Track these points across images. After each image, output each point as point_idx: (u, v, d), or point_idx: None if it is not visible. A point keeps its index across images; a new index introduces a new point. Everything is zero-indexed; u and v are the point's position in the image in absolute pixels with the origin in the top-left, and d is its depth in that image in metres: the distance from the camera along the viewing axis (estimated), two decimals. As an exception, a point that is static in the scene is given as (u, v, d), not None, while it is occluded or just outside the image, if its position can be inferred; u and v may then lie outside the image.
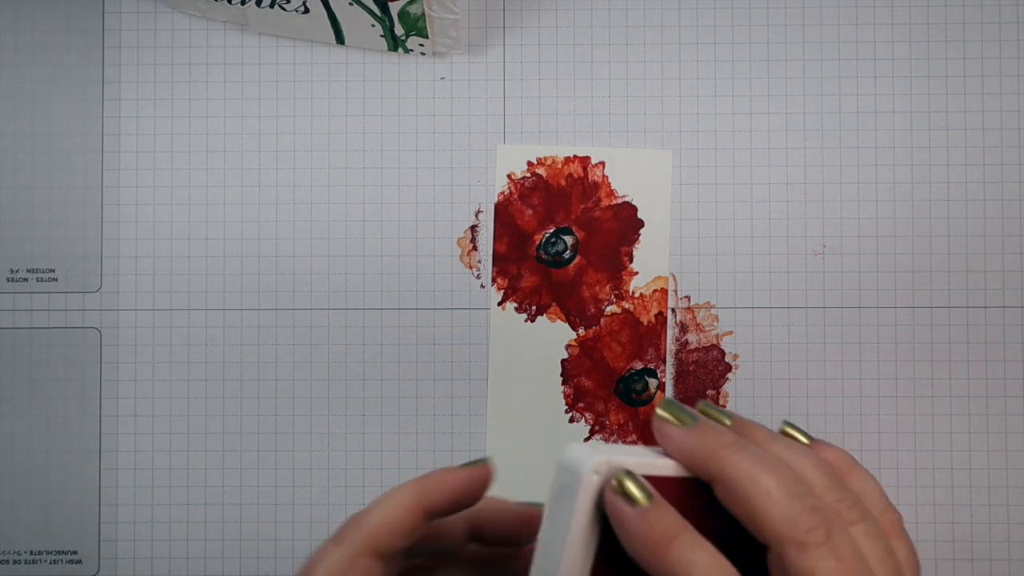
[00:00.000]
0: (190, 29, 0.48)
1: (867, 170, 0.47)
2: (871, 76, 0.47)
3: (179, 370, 0.48)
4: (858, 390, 0.47)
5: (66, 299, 0.48)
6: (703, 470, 0.30)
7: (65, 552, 0.47)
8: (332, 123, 0.48)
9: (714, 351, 0.47)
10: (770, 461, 0.30)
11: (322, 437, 0.47)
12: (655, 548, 0.29)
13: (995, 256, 0.47)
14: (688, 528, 0.29)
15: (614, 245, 0.47)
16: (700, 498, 0.31)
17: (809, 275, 0.47)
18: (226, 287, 0.48)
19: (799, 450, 0.31)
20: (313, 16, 0.46)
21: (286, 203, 0.48)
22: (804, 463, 0.31)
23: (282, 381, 0.47)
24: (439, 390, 0.47)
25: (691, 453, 0.30)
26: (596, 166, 0.47)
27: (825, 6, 0.48)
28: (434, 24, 0.45)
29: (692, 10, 0.48)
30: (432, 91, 0.48)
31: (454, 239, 0.48)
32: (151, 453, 0.47)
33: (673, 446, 0.31)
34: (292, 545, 0.47)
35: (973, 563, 0.47)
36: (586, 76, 0.48)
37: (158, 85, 0.48)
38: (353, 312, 0.48)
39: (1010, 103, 0.47)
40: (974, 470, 0.47)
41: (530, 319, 0.47)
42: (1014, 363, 0.47)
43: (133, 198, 0.48)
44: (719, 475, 0.30)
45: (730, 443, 0.30)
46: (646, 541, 0.29)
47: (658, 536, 0.29)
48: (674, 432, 0.31)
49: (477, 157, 0.48)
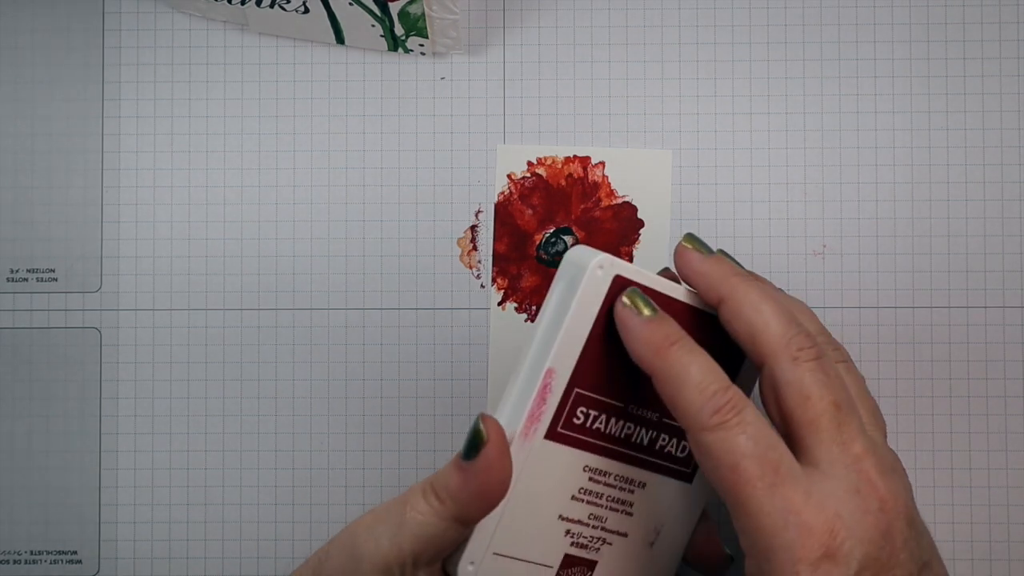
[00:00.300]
0: (190, 29, 0.48)
1: (867, 170, 0.47)
2: (871, 76, 0.47)
3: (179, 370, 0.48)
4: (858, 390, 0.47)
5: (66, 299, 0.48)
6: (714, 292, 0.34)
7: (65, 552, 0.47)
8: (332, 123, 0.48)
9: (714, 351, 0.47)
10: (773, 295, 0.33)
11: (322, 437, 0.47)
12: (657, 349, 0.32)
13: (995, 256, 0.47)
14: (687, 336, 0.32)
15: (614, 245, 0.47)
16: (697, 325, 0.35)
17: (809, 275, 0.47)
18: (226, 287, 0.48)
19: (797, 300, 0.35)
20: (313, 16, 0.46)
21: (286, 203, 0.48)
22: (801, 308, 0.35)
23: (282, 381, 0.47)
24: (439, 390, 0.47)
25: (707, 276, 0.34)
26: (596, 166, 0.47)
27: (825, 6, 0.48)
28: (434, 24, 0.45)
29: (692, 10, 0.48)
30: (432, 91, 0.48)
31: (454, 239, 0.48)
32: (151, 453, 0.47)
33: (691, 269, 0.34)
34: (292, 545, 0.47)
35: (973, 563, 0.47)
36: (586, 76, 0.48)
37: (158, 85, 0.48)
38: (353, 312, 0.48)
39: (1010, 103, 0.47)
40: (974, 470, 0.47)
41: (530, 319, 0.47)
42: (1014, 363, 0.47)
43: (133, 198, 0.48)
44: (728, 297, 0.33)
45: (741, 274, 0.34)
46: (649, 343, 0.32)
47: (660, 340, 0.32)
48: (694, 257, 0.35)
49: (477, 157, 0.48)
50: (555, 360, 0.33)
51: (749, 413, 0.31)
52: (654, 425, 0.36)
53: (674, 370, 0.32)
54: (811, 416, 0.32)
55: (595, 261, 0.33)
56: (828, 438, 0.32)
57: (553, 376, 0.33)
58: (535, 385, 0.33)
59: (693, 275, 0.35)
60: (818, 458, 0.32)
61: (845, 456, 0.32)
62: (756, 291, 0.34)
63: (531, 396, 0.33)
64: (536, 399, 0.33)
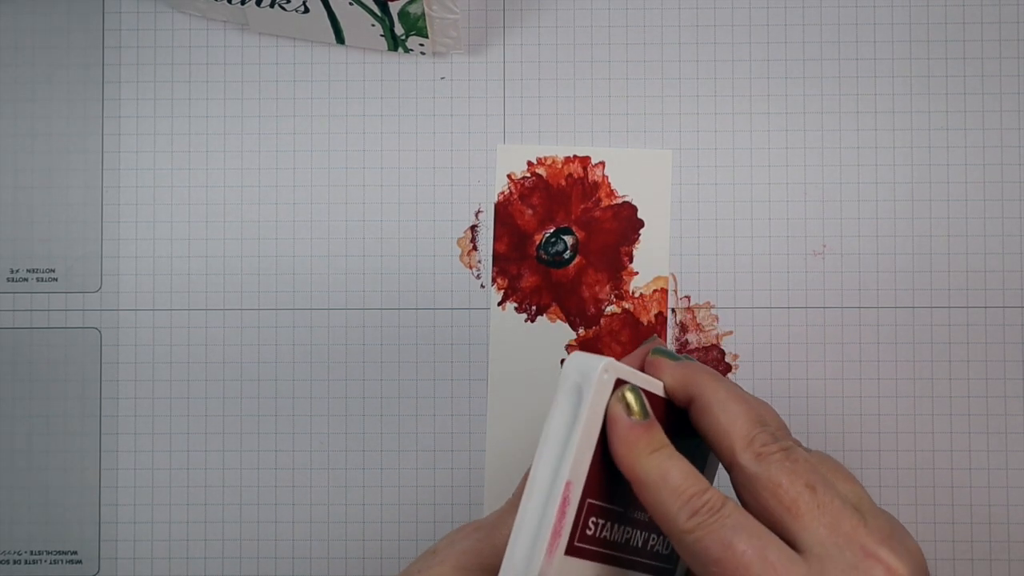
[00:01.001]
0: (190, 29, 0.48)
1: (867, 170, 0.47)
2: (871, 76, 0.47)
3: (179, 370, 0.48)
4: (858, 390, 0.47)
5: (66, 299, 0.48)
6: (685, 392, 0.35)
7: (65, 552, 0.47)
8: (332, 123, 0.48)
9: (714, 351, 0.47)
10: (740, 395, 0.35)
11: (322, 437, 0.47)
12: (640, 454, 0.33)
13: (995, 256, 0.47)
14: (669, 445, 0.33)
15: (614, 245, 0.47)
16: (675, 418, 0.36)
17: (809, 275, 0.47)
18: (226, 287, 0.48)
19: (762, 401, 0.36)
20: (313, 16, 0.46)
21: (286, 203, 0.48)
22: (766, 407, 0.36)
23: (282, 381, 0.47)
24: (439, 390, 0.47)
25: (680, 377, 0.35)
26: (596, 166, 0.47)
27: (825, 6, 0.48)
28: (434, 24, 0.45)
29: (692, 10, 0.48)
30: (432, 91, 0.48)
31: (454, 239, 0.48)
32: (151, 453, 0.47)
33: (664, 372, 0.36)
34: (292, 545, 0.47)
35: (973, 563, 0.47)
36: (586, 76, 0.48)
37: (158, 85, 0.48)
38: (353, 312, 0.48)
39: (1010, 103, 0.47)
40: (974, 470, 0.47)
41: (530, 319, 0.47)
42: (1014, 363, 0.47)
43: (133, 198, 0.48)
44: (698, 396, 0.34)
45: (711, 374, 0.35)
46: (634, 446, 0.33)
47: (643, 446, 0.33)
48: (667, 363, 0.36)
49: (477, 157, 0.48)
50: (572, 472, 0.32)
51: (728, 508, 0.31)
52: (646, 525, 0.35)
53: (652, 476, 0.32)
54: (787, 503, 0.32)
55: (601, 366, 0.33)
56: (812, 521, 0.31)
57: (571, 488, 0.32)
58: (556, 500, 0.32)
59: (668, 379, 0.36)
60: (807, 543, 0.31)
61: (835, 536, 0.31)
62: (724, 391, 0.34)
63: (553, 512, 0.32)
64: (558, 514, 0.32)
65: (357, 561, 0.47)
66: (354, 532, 0.47)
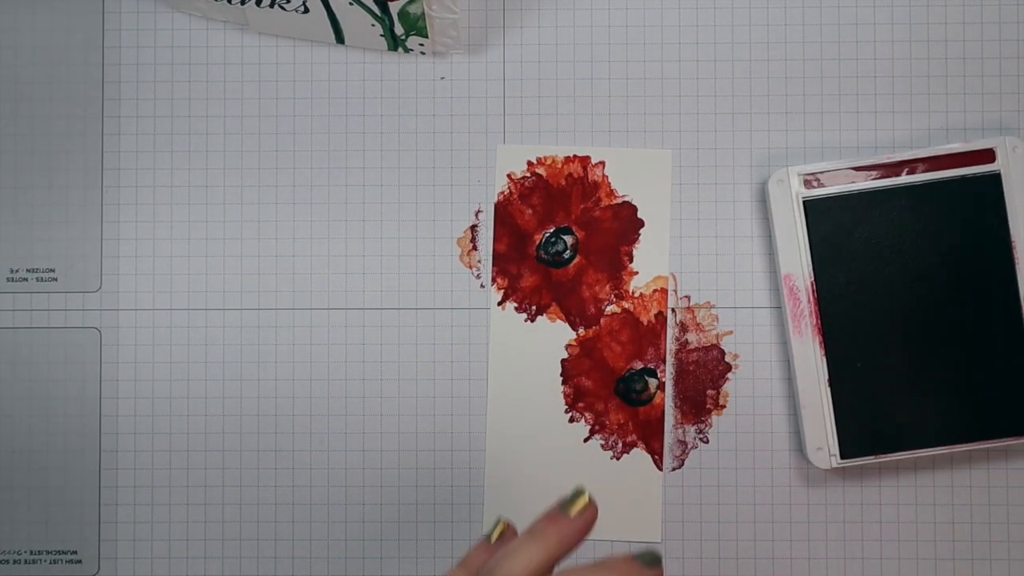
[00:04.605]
0: (190, 29, 0.48)
1: (867, 170, 0.47)
2: (871, 76, 0.47)
3: (179, 370, 0.48)
4: (858, 390, 0.47)
5: (66, 299, 0.48)
6: None
7: (65, 552, 0.47)
8: (332, 123, 0.48)
9: (714, 351, 0.47)
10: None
11: (322, 437, 0.47)
12: None
13: (995, 256, 0.47)
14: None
15: (614, 245, 0.47)
16: None
17: (809, 275, 0.47)
18: (226, 287, 0.48)
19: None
20: (313, 16, 0.46)
21: (286, 203, 0.48)
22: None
23: (282, 381, 0.47)
24: (439, 390, 0.47)
25: None
26: (596, 166, 0.47)
27: (825, 6, 0.48)
28: (434, 24, 0.45)
29: (692, 10, 0.48)
30: (432, 91, 0.48)
31: (454, 239, 0.48)
32: (151, 453, 0.47)
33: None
34: (292, 545, 0.47)
35: (973, 563, 0.47)
36: (586, 76, 0.48)
37: (158, 85, 0.48)
38: (353, 312, 0.48)
39: (1010, 103, 0.47)
40: (974, 470, 0.47)
41: (530, 319, 0.47)
42: (1014, 363, 0.47)
43: (133, 198, 0.48)
44: None
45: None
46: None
47: None
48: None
49: (477, 157, 0.48)
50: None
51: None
52: None
53: None
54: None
55: None
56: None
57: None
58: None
59: None
60: None
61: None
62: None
63: None
64: None
65: (357, 561, 0.47)
66: (354, 532, 0.47)
